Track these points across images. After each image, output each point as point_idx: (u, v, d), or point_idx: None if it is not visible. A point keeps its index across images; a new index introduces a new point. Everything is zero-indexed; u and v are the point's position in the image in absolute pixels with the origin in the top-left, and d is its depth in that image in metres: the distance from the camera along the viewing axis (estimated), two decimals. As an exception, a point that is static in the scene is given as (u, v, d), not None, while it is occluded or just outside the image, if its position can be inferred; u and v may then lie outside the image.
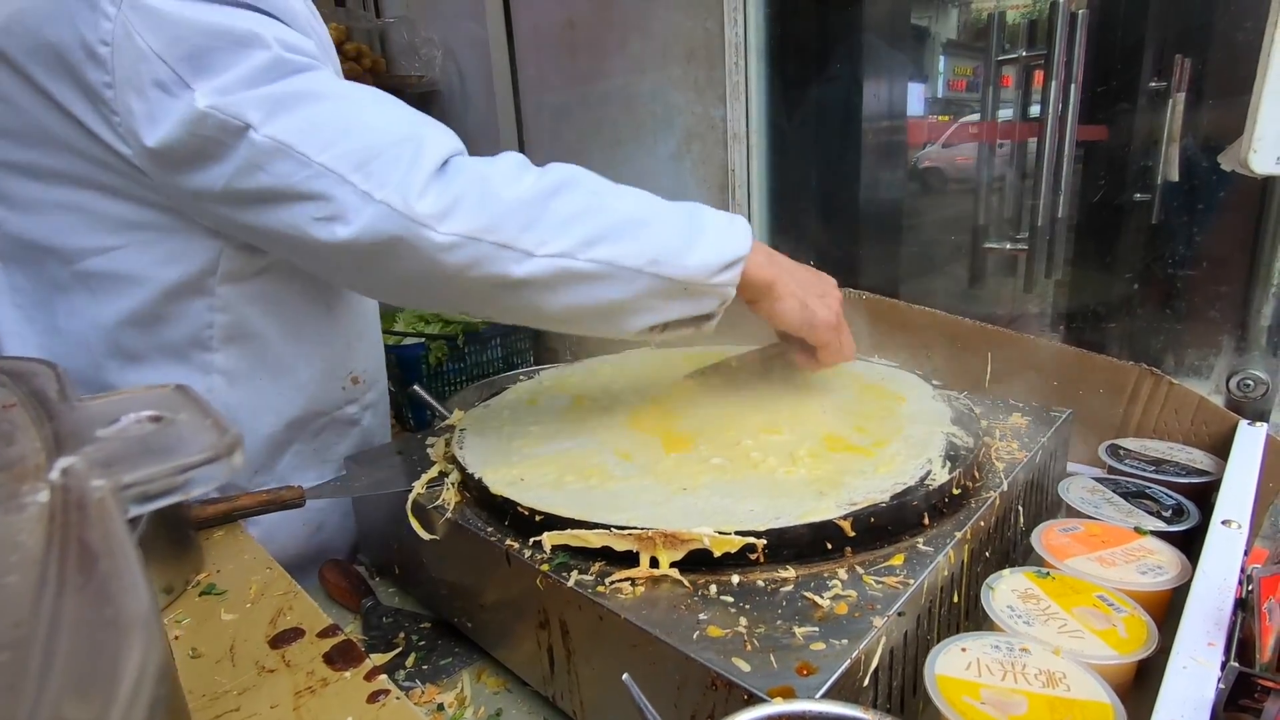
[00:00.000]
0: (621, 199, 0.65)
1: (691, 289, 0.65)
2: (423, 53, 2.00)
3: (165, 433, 0.22)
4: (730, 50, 1.33)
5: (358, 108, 0.63)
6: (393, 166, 0.59)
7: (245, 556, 0.67)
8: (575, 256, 0.62)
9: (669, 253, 0.63)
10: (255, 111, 0.59)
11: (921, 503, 0.59)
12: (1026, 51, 1.33)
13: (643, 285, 0.63)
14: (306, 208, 0.61)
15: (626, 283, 0.63)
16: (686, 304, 0.66)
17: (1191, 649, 0.47)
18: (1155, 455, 0.81)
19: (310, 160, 0.59)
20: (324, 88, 0.62)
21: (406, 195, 0.59)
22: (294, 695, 0.49)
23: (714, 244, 0.65)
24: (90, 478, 0.19)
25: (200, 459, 0.20)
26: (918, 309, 1.07)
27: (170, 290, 0.73)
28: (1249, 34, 0.97)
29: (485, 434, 0.77)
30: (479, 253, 0.60)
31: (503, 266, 0.61)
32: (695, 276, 0.64)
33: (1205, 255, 1.06)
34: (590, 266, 0.62)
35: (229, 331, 0.77)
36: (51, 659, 0.13)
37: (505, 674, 0.67)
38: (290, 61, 0.61)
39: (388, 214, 0.59)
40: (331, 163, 0.59)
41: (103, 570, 0.16)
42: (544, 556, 0.58)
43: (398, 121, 0.63)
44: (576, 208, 0.62)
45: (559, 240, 0.61)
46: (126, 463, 0.20)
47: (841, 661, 0.45)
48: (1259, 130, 0.69)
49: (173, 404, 0.23)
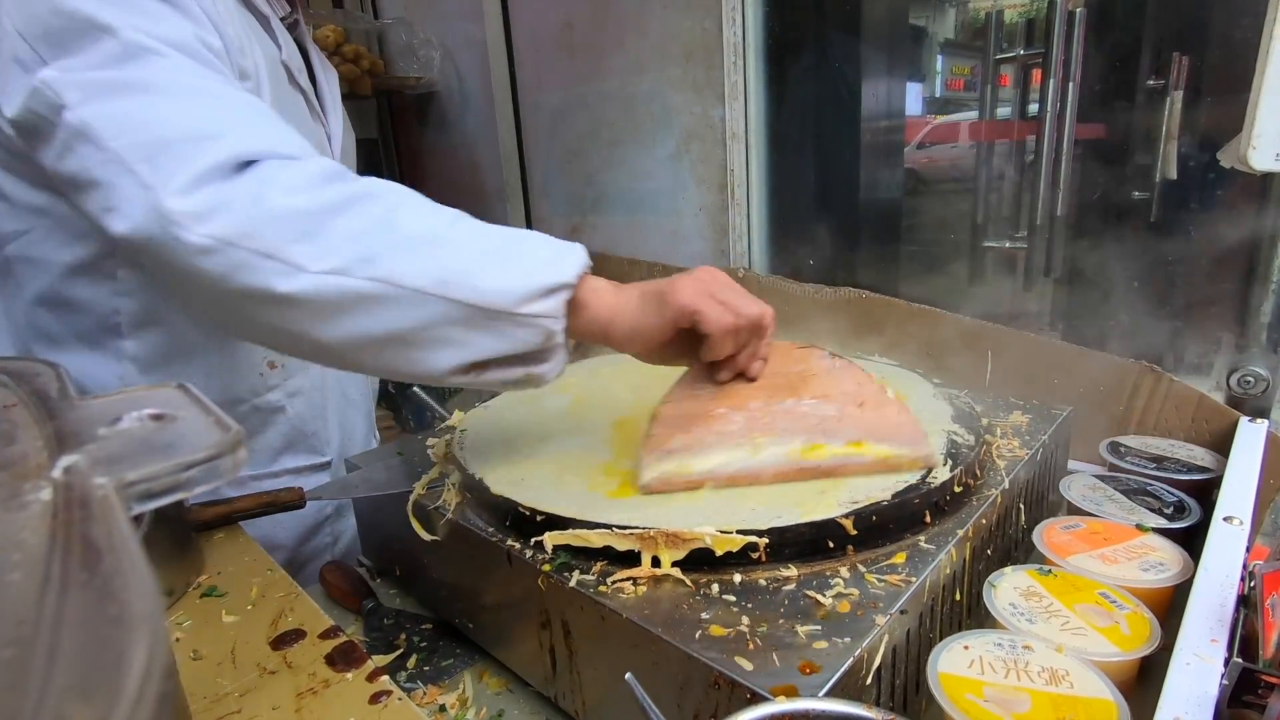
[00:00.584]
0: (420, 217, 0.59)
1: (496, 319, 0.57)
2: (421, 54, 2.01)
3: (167, 430, 0.22)
4: (729, 50, 1.33)
5: (178, 101, 0.60)
6: (175, 161, 0.56)
7: (246, 558, 0.67)
8: (350, 274, 0.55)
9: (459, 273, 0.56)
10: (75, 92, 0.58)
11: (923, 501, 0.59)
12: (1024, 50, 1.33)
13: (432, 311, 0.56)
14: (97, 196, 0.59)
15: (411, 306, 0.56)
16: (494, 339, 0.58)
17: (1194, 645, 0.47)
18: (1156, 452, 0.81)
19: (105, 145, 0.57)
20: (161, 79, 0.60)
21: (166, 191, 0.55)
22: (296, 697, 0.49)
23: (524, 268, 0.57)
24: (93, 475, 0.18)
25: (203, 456, 0.20)
26: (918, 307, 1.07)
27: (71, 272, 0.75)
28: (1247, 31, 0.97)
29: (485, 434, 0.77)
30: (235, 260, 0.55)
31: (264, 279, 0.55)
32: (495, 303, 0.56)
33: (1204, 252, 1.06)
34: (368, 286, 0.55)
35: (137, 318, 0.78)
36: (56, 656, 0.13)
37: (507, 674, 0.67)
38: (140, 50, 0.60)
39: (150, 210, 0.56)
40: (122, 151, 0.57)
41: (107, 567, 0.15)
42: (545, 557, 0.58)
43: (209, 118, 0.59)
44: (365, 224, 0.57)
45: (334, 256, 0.55)
46: (129, 461, 0.19)
47: (844, 660, 0.45)
48: (1258, 127, 0.69)
49: (174, 402, 0.23)
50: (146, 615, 0.14)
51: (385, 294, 0.55)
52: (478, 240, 0.59)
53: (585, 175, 1.66)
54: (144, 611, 0.14)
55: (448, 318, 0.56)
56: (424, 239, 0.57)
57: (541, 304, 0.57)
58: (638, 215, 1.59)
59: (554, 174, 1.76)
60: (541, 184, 1.82)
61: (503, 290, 0.56)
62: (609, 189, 1.63)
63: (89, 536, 0.16)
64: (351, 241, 0.56)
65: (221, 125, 0.59)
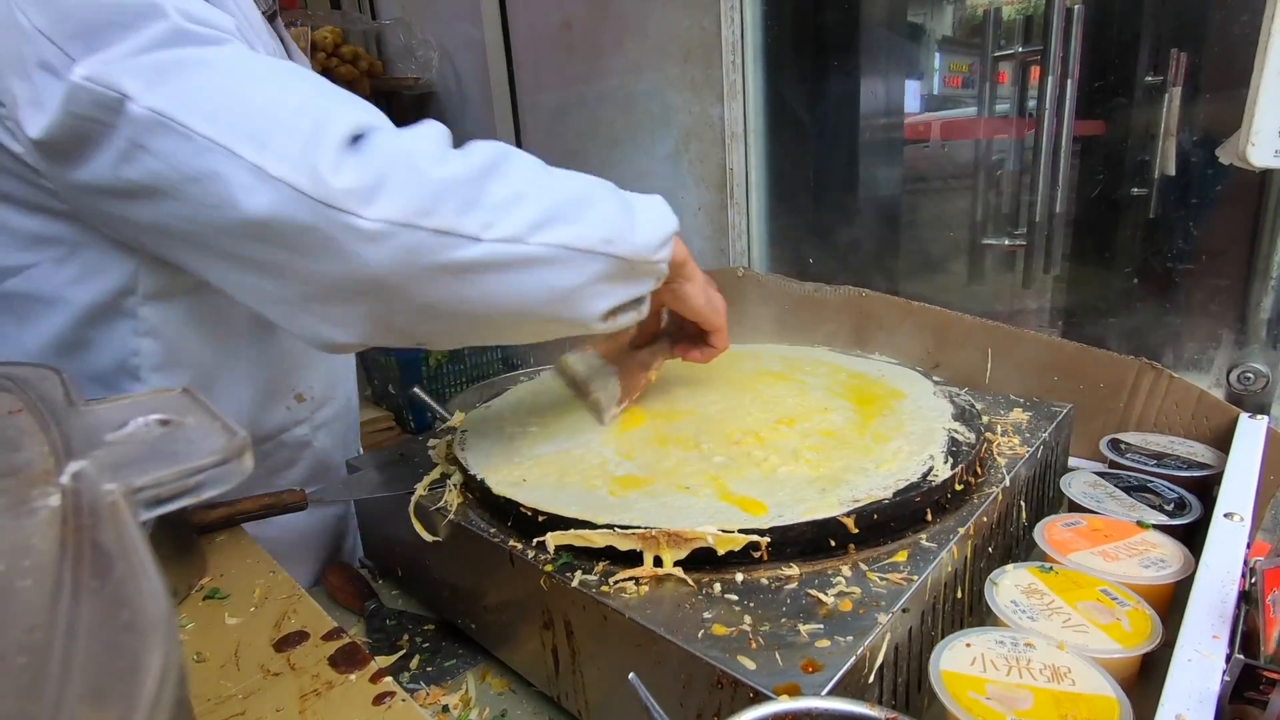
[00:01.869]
0: (558, 178, 0.60)
1: (638, 268, 0.62)
2: (419, 54, 2.00)
3: (174, 436, 0.22)
4: (727, 49, 1.33)
5: (253, 77, 0.54)
6: (290, 137, 0.50)
7: (248, 560, 0.67)
8: (526, 240, 0.55)
9: (618, 231, 0.59)
10: (133, 80, 0.50)
11: (924, 499, 0.59)
12: (1023, 47, 1.33)
13: (598, 268, 0.58)
14: (195, 191, 0.51)
15: (581, 267, 0.58)
16: (632, 285, 0.63)
17: (1196, 642, 0.47)
18: (1156, 449, 0.81)
19: (193, 133, 0.50)
20: (221, 58, 0.54)
21: (316, 171, 0.49)
22: (299, 698, 0.49)
23: (652, 220, 0.62)
24: (101, 481, 0.19)
25: (211, 461, 0.20)
26: (917, 305, 1.07)
27: (88, 313, 0.67)
28: (1245, 27, 0.97)
29: (487, 435, 0.77)
30: (411, 242, 0.51)
31: (444, 254, 0.53)
32: (641, 254, 0.61)
33: (1203, 249, 1.06)
34: (543, 251, 0.56)
35: (158, 359, 0.71)
36: (70, 662, 0.13)
37: (510, 675, 0.67)
38: (192, 33, 0.53)
39: (292, 196, 0.49)
40: (218, 135, 0.50)
41: (118, 573, 0.16)
42: (547, 557, 0.58)
43: (298, 91, 0.54)
44: (516, 187, 0.56)
45: (505, 224, 0.54)
46: (137, 466, 0.19)
47: (846, 658, 0.45)
48: (1256, 124, 0.69)
49: (180, 407, 0.23)
50: (160, 621, 0.14)
51: (559, 257, 0.57)
52: (606, 195, 0.62)
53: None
54: (157, 617, 0.15)
55: (608, 273, 0.59)
56: (578, 200, 0.59)
57: (666, 250, 0.63)
58: (637, 215, 1.59)
59: (553, 174, 1.76)
60: (540, 184, 1.82)
61: (648, 243, 0.61)
62: (608, 188, 1.63)
63: (99, 542, 0.17)
64: (514, 206, 0.55)
65: (311, 96, 0.54)
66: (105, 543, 0.16)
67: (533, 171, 0.59)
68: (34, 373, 0.29)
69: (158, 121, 0.50)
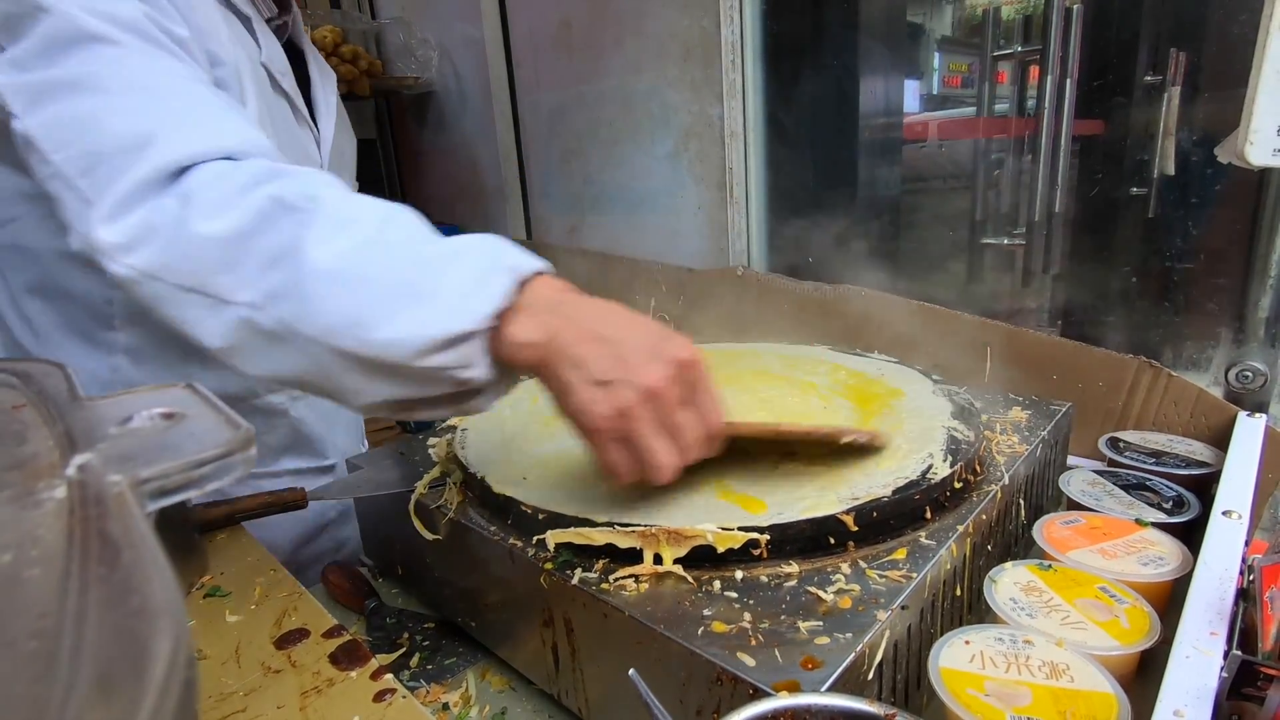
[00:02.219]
0: (330, 239, 0.51)
1: (395, 370, 0.50)
2: (419, 54, 2.01)
3: (178, 429, 0.22)
4: (726, 49, 1.33)
5: (115, 99, 0.57)
6: (109, 176, 0.54)
7: (249, 559, 0.67)
8: (262, 310, 0.51)
9: (350, 322, 0.49)
10: (18, 100, 0.56)
11: (923, 497, 0.60)
12: (1022, 47, 1.33)
13: (324, 358, 0.51)
14: (56, 207, 0.57)
15: (304, 352, 0.51)
16: (399, 386, 0.51)
17: (1194, 638, 0.47)
18: (1155, 447, 0.81)
19: (48, 159, 0.55)
20: (100, 71, 0.57)
21: (95, 218, 0.54)
22: (300, 695, 0.49)
23: (426, 314, 0.49)
24: (107, 473, 0.19)
25: (214, 454, 0.20)
26: (917, 304, 1.07)
27: (65, 259, 0.72)
28: (1244, 27, 0.97)
29: (487, 433, 0.77)
30: (159, 292, 0.53)
31: (187, 312, 0.53)
32: (387, 355, 0.49)
33: (1202, 248, 1.06)
34: (272, 325, 0.51)
35: (131, 308, 0.75)
36: (80, 647, 0.13)
37: (510, 673, 0.67)
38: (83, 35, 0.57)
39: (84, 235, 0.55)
40: (63, 165, 0.55)
41: (126, 561, 0.16)
42: (547, 555, 0.58)
43: (147, 118, 0.56)
44: (278, 246, 0.51)
45: (251, 288, 0.51)
46: (141, 459, 0.20)
47: (846, 655, 0.45)
48: (1255, 123, 0.69)
49: (184, 402, 0.23)
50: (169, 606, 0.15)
51: (285, 335, 0.51)
52: (392, 268, 0.51)
53: (584, 174, 1.66)
54: (166, 602, 0.15)
55: (342, 365, 0.51)
56: (325, 273, 0.50)
57: (442, 356, 0.49)
58: (636, 214, 1.59)
59: (552, 173, 1.76)
60: (540, 183, 1.82)
61: (394, 342, 0.49)
62: (608, 188, 1.63)
63: (106, 532, 0.17)
64: (267, 269, 0.51)
65: (159, 125, 0.56)
66: (112, 532, 0.17)
67: (305, 228, 0.51)
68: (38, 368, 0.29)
69: (28, 143, 0.57)
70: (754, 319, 1.23)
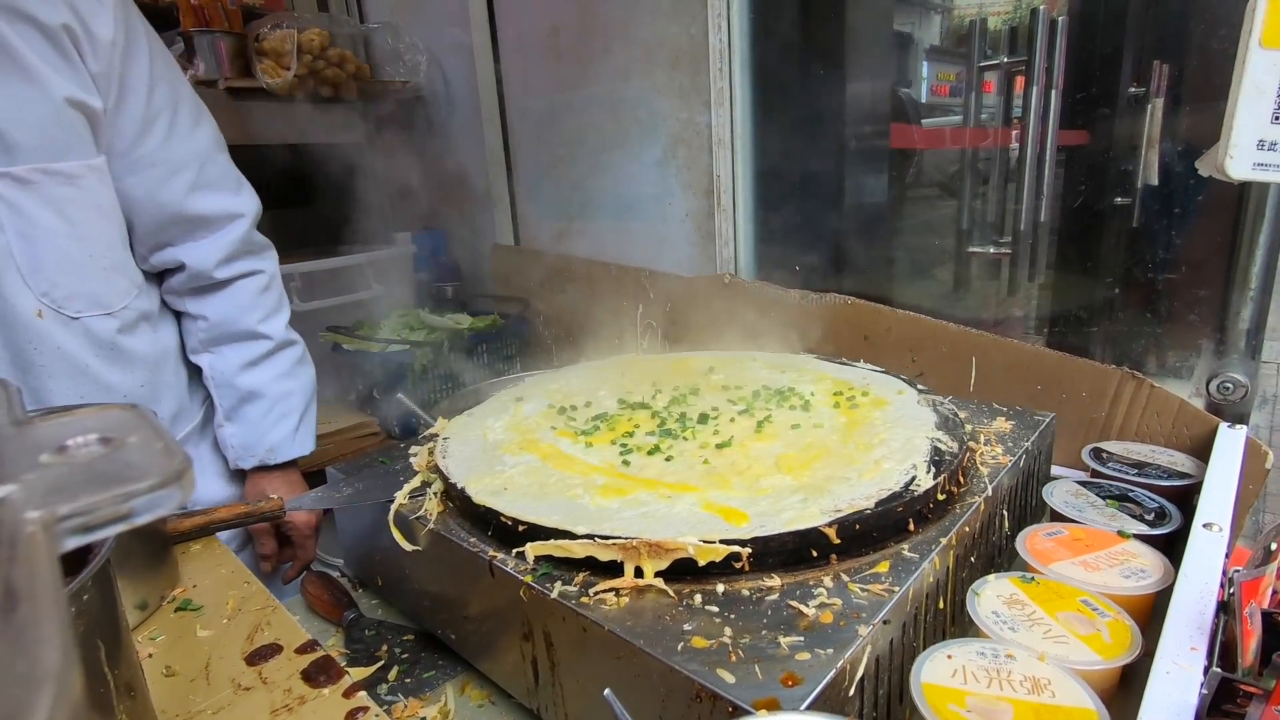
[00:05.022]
0: None
1: None
2: (407, 58, 1.99)
3: (113, 458, 0.21)
4: (714, 56, 1.33)
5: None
6: None
7: (222, 570, 0.66)
8: None
9: None
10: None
11: (906, 509, 0.59)
12: (1008, 58, 1.34)
13: None
14: None
15: None
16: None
17: (1174, 654, 0.47)
18: (1137, 458, 0.82)
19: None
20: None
21: None
22: (271, 714, 0.48)
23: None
24: (26, 509, 0.18)
25: (145, 486, 0.19)
26: (902, 313, 1.07)
27: None
28: (1224, 41, 0.98)
29: (469, 442, 0.76)
30: None
31: None
32: None
33: (1184, 259, 1.07)
34: None
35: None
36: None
37: (489, 686, 0.66)
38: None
39: None
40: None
41: (21, 617, 0.15)
42: (527, 567, 0.57)
43: None
44: None
45: None
46: (68, 492, 0.19)
47: (827, 671, 0.45)
48: (1234, 137, 0.69)
49: (125, 425, 0.22)
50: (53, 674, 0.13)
51: None
52: None
53: (572, 180, 1.65)
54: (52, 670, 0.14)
55: None
56: None
57: None
58: (624, 221, 1.58)
59: (540, 179, 1.75)
60: (528, 189, 1.81)
61: None
62: (595, 194, 1.62)
63: (9, 580, 0.16)
64: None
65: None
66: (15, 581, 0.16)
67: None
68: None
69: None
70: (740, 327, 1.23)
